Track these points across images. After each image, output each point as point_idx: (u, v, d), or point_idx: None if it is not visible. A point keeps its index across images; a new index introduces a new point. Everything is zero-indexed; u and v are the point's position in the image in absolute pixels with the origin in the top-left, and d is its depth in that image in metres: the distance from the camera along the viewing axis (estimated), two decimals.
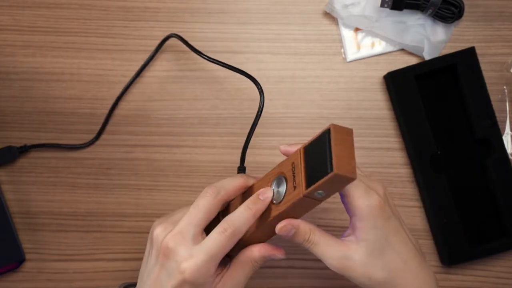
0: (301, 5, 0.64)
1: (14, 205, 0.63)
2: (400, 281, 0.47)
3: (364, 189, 0.46)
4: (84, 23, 0.64)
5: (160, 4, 0.64)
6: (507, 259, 0.63)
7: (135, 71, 0.63)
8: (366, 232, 0.46)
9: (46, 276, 0.63)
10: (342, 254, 0.46)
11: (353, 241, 0.46)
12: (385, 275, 0.46)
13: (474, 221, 0.63)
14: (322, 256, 0.46)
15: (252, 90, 0.64)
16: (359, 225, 0.46)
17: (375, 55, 0.64)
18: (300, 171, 0.44)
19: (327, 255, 0.46)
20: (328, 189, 0.42)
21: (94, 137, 0.63)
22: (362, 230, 0.46)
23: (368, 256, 0.46)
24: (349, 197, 0.46)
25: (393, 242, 0.47)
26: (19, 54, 0.64)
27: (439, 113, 0.63)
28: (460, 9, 0.62)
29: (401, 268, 0.47)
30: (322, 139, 0.42)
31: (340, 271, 0.46)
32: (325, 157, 0.41)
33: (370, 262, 0.46)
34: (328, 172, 0.40)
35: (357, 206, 0.46)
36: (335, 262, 0.46)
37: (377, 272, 0.46)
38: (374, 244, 0.46)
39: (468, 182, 0.63)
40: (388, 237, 0.47)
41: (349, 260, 0.46)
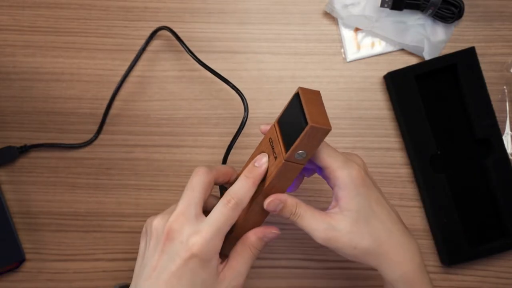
0: (301, 5, 0.64)
1: (14, 205, 0.63)
2: (385, 249, 0.47)
3: (342, 159, 0.47)
4: (84, 23, 0.64)
5: (160, 4, 0.64)
6: (507, 259, 0.63)
7: (135, 71, 0.63)
8: (349, 201, 0.46)
9: (46, 276, 0.63)
10: (327, 225, 0.46)
11: (337, 212, 0.47)
12: (370, 243, 0.46)
13: (474, 221, 0.63)
14: (308, 228, 0.47)
15: (251, 90, 0.64)
16: (341, 194, 0.46)
17: (375, 55, 0.64)
18: (278, 141, 0.45)
19: (312, 227, 0.46)
20: (307, 146, 0.43)
21: (93, 136, 0.63)
22: (345, 199, 0.46)
23: (352, 225, 0.46)
24: (328, 168, 0.46)
25: (376, 211, 0.47)
26: (19, 54, 0.64)
27: (439, 113, 0.63)
28: (460, 9, 0.62)
29: (385, 237, 0.47)
30: (293, 103, 0.45)
31: (326, 242, 0.47)
32: (299, 117, 0.43)
33: (355, 231, 0.46)
34: (304, 127, 0.42)
35: (338, 176, 0.46)
36: (321, 233, 0.46)
37: (362, 241, 0.46)
38: (358, 213, 0.46)
39: (468, 182, 0.63)
40: (371, 206, 0.47)
41: (334, 231, 0.46)
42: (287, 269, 0.63)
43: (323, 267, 0.63)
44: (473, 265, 0.63)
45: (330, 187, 0.49)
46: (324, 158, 0.46)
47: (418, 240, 0.63)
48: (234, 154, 0.63)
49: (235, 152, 0.63)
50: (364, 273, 0.63)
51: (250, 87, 0.64)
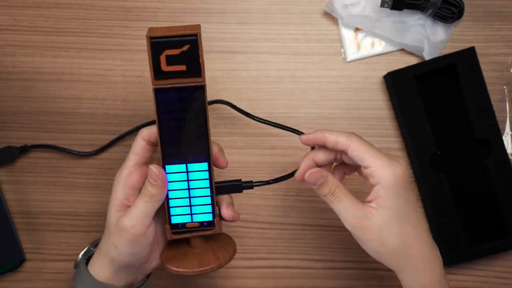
0: (301, 5, 0.64)
1: (14, 205, 0.63)
2: (411, 253, 0.47)
3: (387, 159, 0.47)
4: (84, 23, 0.64)
5: (160, 4, 0.64)
6: (507, 259, 0.63)
7: (135, 71, 0.63)
8: (388, 199, 0.46)
9: (46, 276, 0.63)
10: (362, 214, 0.47)
11: (374, 206, 0.47)
12: (398, 244, 0.47)
13: (474, 221, 0.63)
14: (342, 211, 0.47)
15: (251, 90, 0.64)
16: (382, 192, 0.46)
17: (375, 55, 0.64)
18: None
19: (347, 211, 0.47)
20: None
21: (100, 149, 0.63)
22: (385, 197, 0.46)
23: (386, 222, 0.46)
24: (371, 167, 0.47)
25: (410, 214, 0.48)
26: (19, 54, 0.64)
27: (439, 113, 0.63)
28: (460, 9, 0.62)
29: (414, 241, 0.47)
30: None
31: (355, 229, 0.47)
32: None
33: (387, 228, 0.46)
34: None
35: (382, 175, 0.46)
36: (353, 220, 0.47)
37: (391, 240, 0.46)
38: (394, 211, 0.46)
39: (468, 182, 0.63)
40: (407, 208, 0.47)
41: (367, 221, 0.46)
42: (287, 269, 0.63)
43: (323, 267, 0.63)
44: (473, 265, 0.63)
45: (368, 183, 0.48)
46: (367, 158, 0.47)
47: None
48: (234, 154, 0.63)
49: (235, 152, 0.63)
50: (364, 273, 0.63)
51: (250, 87, 0.64)
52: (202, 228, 0.50)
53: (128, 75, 0.64)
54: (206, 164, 0.49)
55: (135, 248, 0.48)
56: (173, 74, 0.46)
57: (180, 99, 0.47)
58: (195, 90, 0.46)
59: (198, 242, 0.51)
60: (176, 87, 0.46)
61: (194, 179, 0.49)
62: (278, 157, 0.63)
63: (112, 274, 0.50)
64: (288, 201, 0.63)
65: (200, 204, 0.50)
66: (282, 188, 0.63)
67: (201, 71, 0.46)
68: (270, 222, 0.63)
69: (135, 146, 0.50)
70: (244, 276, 0.63)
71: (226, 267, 0.62)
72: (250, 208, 0.63)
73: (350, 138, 0.48)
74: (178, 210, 0.50)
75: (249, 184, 0.51)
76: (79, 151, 0.63)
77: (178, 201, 0.49)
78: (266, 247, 0.63)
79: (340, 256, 0.63)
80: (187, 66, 0.45)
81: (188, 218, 0.50)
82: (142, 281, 0.54)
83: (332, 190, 0.48)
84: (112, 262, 0.49)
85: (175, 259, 0.50)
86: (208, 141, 0.48)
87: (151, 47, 0.45)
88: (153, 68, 0.45)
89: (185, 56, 0.45)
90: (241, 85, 0.64)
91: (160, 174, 0.47)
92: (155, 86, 0.46)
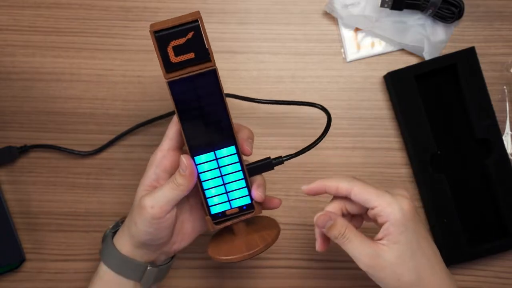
0: (301, 5, 0.64)
1: (14, 205, 0.63)
2: (427, 285, 0.47)
3: (391, 195, 0.48)
4: (84, 23, 0.64)
5: (160, 4, 0.64)
6: (507, 259, 0.63)
7: (135, 71, 0.64)
8: (399, 235, 0.47)
9: (46, 276, 0.63)
10: (374, 252, 0.47)
11: (385, 243, 0.47)
12: (413, 278, 0.47)
13: (474, 221, 0.63)
14: (354, 252, 0.47)
15: (251, 90, 0.64)
16: (392, 229, 0.47)
17: (375, 55, 0.64)
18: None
19: (359, 251, 0.47)
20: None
21: (98, 148, 0.63)
22: (395, 234, 0.47)
23: (399, 257, 0.47)
24: (378, 206, 0.47)
25: (423, 246, 0.48)
26: (19, 54, 0.64)
27: (439, 113, 0.63)
28: (460, 9, 0.62)
29: (429, 274, 0.48)
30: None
31: (370, 269, 0.47)
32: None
33: (400, 263, 0.47)
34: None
35: (390, 212, 0.47)
36: (366, 259, 0.47)
37: (406, 275, 0.47)
38: (406, 246, 0.47)
39: (468, 182, 0.63)
40: (419, 241, 0.48)
41: (380, 259, 0.46)
42: (287, 269, 0.63)
43: (323, 267, 0.63)
44: (473, 265, 0.63)
45: (376, 224, 0.49)
46: (372, 198, 0.47)
47: None
48: None
49: None
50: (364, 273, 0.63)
51: (250, 87, 0.64)
52: (242, 212, 0.51)
53: (128, 75, 0.64)
54: (233, 148, 0.49)
55: (150, 228, 0.49)
56: (183, 64, 0.46)
57: (195, 87, 0.47)
58: (208, 75, 0.47)
59: (242, 228, 0.52)
60: (188, 77, 0.47)
61: (224, 165, 0.50)
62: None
63: (133, 249, 0.52)
64: (288, 201, 0.63)
65: (236, 189, 0.50)
66: (283, 188, 0.63)
67: (210, 55, 0.47)
68: None
69: (169, 131, 0.51)
70: (244, 276, 0.63)
71: (226, 267, 0.63)
72: None
73: (352, 182, 0.49)
74: (215, 200, 0.50)
75: (279, 159, 0.52)
76: (79, 151, 0.63)
77: (214, 190, 0.50)
78: None
79: (340, 256, 0.63)
80: (195, 53, 0.46)
81: (227, 205, 0.50)
82: (165, 261, 0.55)
83: (342, 232, 0.48)
84: (131, 238, 0.51)
85: (222, 250, 0.51)
86: (230, 123, 0.49)
87: (156, 41, 0.46)
88: (163, 62, 0.46)
89: (191, 43, 0.46)
90: (241, 85, 0.64)
91: (188, 165, 0.48)
92: (168, 79, 0.47)
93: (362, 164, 0.63)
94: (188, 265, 0.63)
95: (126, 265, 0.52)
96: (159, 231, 0.50)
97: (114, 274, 0.52)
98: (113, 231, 0.55)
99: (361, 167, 0.63)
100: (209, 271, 0.63)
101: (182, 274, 0.63)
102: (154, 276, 0.54)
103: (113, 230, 0.55)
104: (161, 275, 0.55)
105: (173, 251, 0.54)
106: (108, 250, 0.53)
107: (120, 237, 0.53)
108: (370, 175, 0.63)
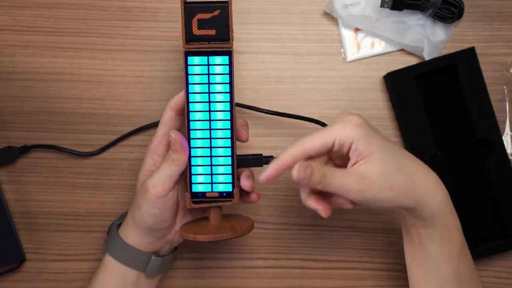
0: (301, 5, 0.64)
1: (14, 205, 0.63)
2: (419, 180, 0.47)
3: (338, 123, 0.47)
4: (84, 23, 0.64)
5: (160, 4, 0.64)
6: (507, 259, 0.63)
7: (135, 71, 0.64)
8: (368, 146, 0.45)
9: (46, 276, 0.63)
10: (358, 175, 0.45)
11: (362, 163, 0.46)
12: (405, 178, 0.46)
13: (474, 221, 0.63)
14: (341, 183, 0.45)
15: (251, 90, 0.64)
16: (360, 145, 0.46)
17: (375, 55, 0.64)
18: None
19: (345, 181, 0.45)
20: None
21: (100, 149, 0.63)
22: (364, 147, 0.45)
23: (381, 166, 0.45)
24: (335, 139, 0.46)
25: (394, 147, 0.47)
26: (19, 54, 0.64)
27: (439, 113, 0.63)
28: (460, 9, 0.62)
29: (415, 169, 0.47)
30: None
31: (362, 194, 0.45)
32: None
33: (386, 172, 0.45)
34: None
35: (348, 133, 0.46)
36: (355, 185, 0.45)
37: (396, 179, 0.45)
38: (381, 152, 0.46)
39: (468, 182, 0.63)
40: (388, 143, 0.47)
41: (366, 178, 0.45)
42: (287, 269, 0.63)
43: (323, 267, 0.63)
44: None
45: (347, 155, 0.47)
46: (326, 138, 0.46)
47: None
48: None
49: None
50: (364, 273, 0.63)
51: (250, 87, 0.64)
52: (221, 198, 0.52)
53: (128, 75, 0.64)
54: (228, 123, 0.51)
55: (155, 209, 0.51)
56: (203, 38, 0.49)
57: (208, 63, 0.49)
58: (223, 54, 0.49)
59: (217, 215, 0.53)
60: (205, 51, 0.49)
61: (217, 137, 0.51)
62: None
63: (138, 238, 0.53)
64: (288, 201, 0.63)
65: (221, 174, 0.51)
66: (283, 188, 0.63)
67: (230, 36, 0.49)
68: (270, 222, 0.63)
69: (164, 117, 0.53)
70: (244, 276, 0.63)
71: (226, 267, 0.62)
72: (251, 208, 0.63)
73: (300, 143, 0.47)
74: (199, 178, 0.52)
75: (270, 158, 0.53)
76: (79, 151, 0.63)
77: (200, 168, 0.51)
78: (266, 247, 0.63)
79: (339, 256, 0.63)
80: (217, 30, 0.48)
81: (209, 187, 0.52)
82: (169, 251, 0.57)
83: (322, 172, 0.46)
84: (136, 225, 0.53)
85: (192, 229, 0.52)
86: (232, 103, 0.50)
87: (184, 11, 0.48)
88: (185, 31, 0.49)
89: (216, 21, 0.48)
90: (241, 85, 0.64)
91: (177, 139, 0.50)
92: (186, 49, 0.49)
93: None
94: (188, 265, 0.63)
95: (131, 255, 0.53)
96: (163, 211, 0.51)
97: (118, 263, 0.53)
98: (118, 222, 0.56)
99: None
100: (208, 271, 0.63)
101: (182, 274, 0.63)
102: (158, 266, 0.55)
103: (118, 222, 0.56)
104: (164, 265, 0.56)
105: (176, 241, 0.55)
106: (113, 240, 0.54)
107: (124, 227, 0.54)
108: None
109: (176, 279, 0.63)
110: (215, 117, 0.51)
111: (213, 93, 0.50)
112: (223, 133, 0.51)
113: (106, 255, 0.54)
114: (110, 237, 0.55)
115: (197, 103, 0.51)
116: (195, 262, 0.63)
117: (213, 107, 0.51)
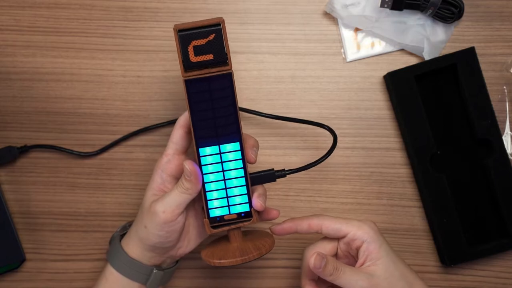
0: (301, 5, 0.64)
1: (14, 205, 0.63)
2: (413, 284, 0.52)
3: (357, 220, 0.53)
4: (84, 23, 0.64)
5: (160, 4, 0.64)
6: (507, 259, 0.63)
7: (135, 71, 0.64)
8: (378, 249, 0.51)
9: (46, 276, 0.63)
10: (367, 274, 0.51)
11: (370, 264, 0.51)
12: (404, 283, 0.51)
13: (474, 221, 0.63)
14: (350, 279, 0.50)
15: (251, 90, 0.64)
16: (371, 247, 0.51)
17: (375, 55, 0.64)
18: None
19: (355, 278, 0.50)
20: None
21: (100, 149, 0.63)
22: (375, 249, 0.51)
23: (386, 270, 0.51)
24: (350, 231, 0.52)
25: (397, 256, 0.53)
26: (19, 54, 0.64)
27: (439, 113, 0.63)
28: (460, 9, 0.62)
29: (411, 278, 0.52)
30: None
31: None
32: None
33: (390, 275, 0.51)
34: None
35: (363, 233, 0.52)
36: (363, 283, 0.50)
37: (397, 284, 0.51)
38: (387, 258, 0.51)
39: (468, 182, 0.63)
40: (393, 252, 0.53)
41: (374, 278, 0.50)
42: (287, 269, 0.63)
43: None
44: (473, 265, 0.63)
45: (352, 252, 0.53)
46: (342, 226, 0.52)
47: (418, 240, 0.64)
48: None
49: None
50: None
51: (250, 87, 0.64)
52: (240, 219, 0.51)
53: (128, 75, 0.64)
54: (238, 144, 0.50)
55: (162, 232, 0.51)
56: (201, 64, 0.48)
57: (210, 88, 0.49)
58: (224, 78, 0.48)
59: (237, 235, 0.52)
60: (205, 77, 0.48)
61: (227, 160, 0.50)
62: (278, 157, 0.63)
63: (140, 252, 0.53)
64: (288, 201, 0.63)
65: (237, 195, 0.51)
66: (283, 188, 0.63)
67: (228, 59, 0.48)
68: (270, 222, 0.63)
69: (173, 135, 0.52)
70: (244, 276, 0.63)
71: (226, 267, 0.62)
72: None
73: (321, 217, 0.53)
74: (215, 203, 0.51)
75: (282, 172, 0.53)
76: (79, 151, 0.63)
77: (215, 193, 0.51)
78: None
79: None
80: (214, 54, 0.48)
81: (226, 210, 0.51)
82: (170, 264, 0.57)
83: (335, 266, 0.50)
84: (140, 241, 0.53)
85: (216, 253, 0.51)
86: (239, 126, 0.50)
87: (179, 40, 0.47)
88: (182, 60, 0.48)
89: (212, 45, 0.47)
90: (241, 85, 0.64)
91: (192, 170, 0.49)
92: (185, 78, 0.48)
93: (362, 164, 0.63)
94: (188, 265, 0.63)
95: (133, 268, 0.53)
96: (170, 234, 0.51)
97: (120, 275, 0.53)
98: (120, 233, 0.56)
99: (360, 167, 0.63)
100: (209, 271, 0.63)
101: (182, 274, 0.63)
102: (159, 279, 0.55)
103: (120, 233, 0.56)
104: (166, 278, 0.56)
105: (178, 255, 0.55)
106: (115, 252, 0.54)
107: (127, 240, 0.54)
108: (369, 175, 0.63)
109: (177, 279, 0.63)
110: (224, 140, 0.50)
111: (219, 117, 0.49)
112: (233, 155, 0.50)
113: (107, 266, 0.54)
114: (112, 248, 0.55)
115: (203, 129, 0.49)
116: (196, 262, 0.63)
117: (220, 132, 0.50)
